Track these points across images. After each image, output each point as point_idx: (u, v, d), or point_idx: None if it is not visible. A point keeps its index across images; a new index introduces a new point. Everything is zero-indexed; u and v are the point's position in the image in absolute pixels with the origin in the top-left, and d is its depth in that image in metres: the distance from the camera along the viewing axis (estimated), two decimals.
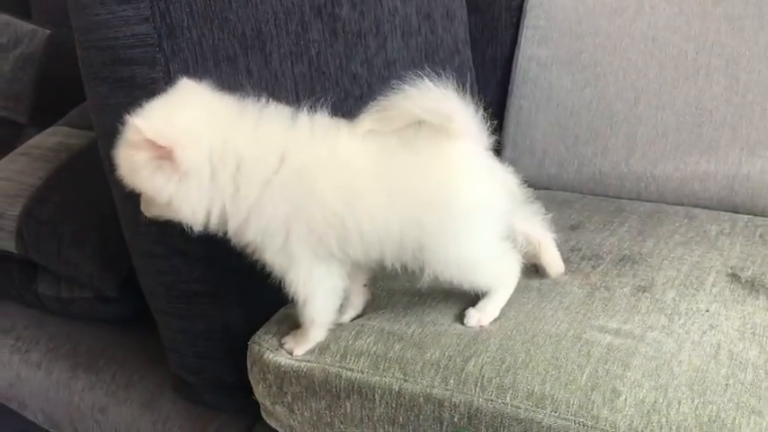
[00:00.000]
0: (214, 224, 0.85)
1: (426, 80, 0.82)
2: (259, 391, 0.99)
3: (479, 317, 0.92)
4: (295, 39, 1.05)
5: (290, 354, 0.94)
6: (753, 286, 1.00)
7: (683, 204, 1.36)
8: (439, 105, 0.82)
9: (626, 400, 0.79)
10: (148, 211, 0.87)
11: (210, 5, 0.96)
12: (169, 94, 0.85)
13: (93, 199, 1.25)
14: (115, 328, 1.32)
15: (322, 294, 0.90)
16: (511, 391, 0.82)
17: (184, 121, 0.81)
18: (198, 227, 0.85)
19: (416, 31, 1.26)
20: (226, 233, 0.87)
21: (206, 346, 1.08)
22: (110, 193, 1.08)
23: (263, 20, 1.01)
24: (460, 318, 0.95)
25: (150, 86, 0.95)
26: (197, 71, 0.97)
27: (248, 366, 1.00)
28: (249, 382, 1.02)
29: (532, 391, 0.81)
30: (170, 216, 0.85)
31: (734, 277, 1.03)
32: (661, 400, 0.78)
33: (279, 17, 1.02)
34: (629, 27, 1.43)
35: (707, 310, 0.94)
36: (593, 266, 1.07)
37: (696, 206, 1.34)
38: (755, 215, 1.29)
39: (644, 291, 1.00)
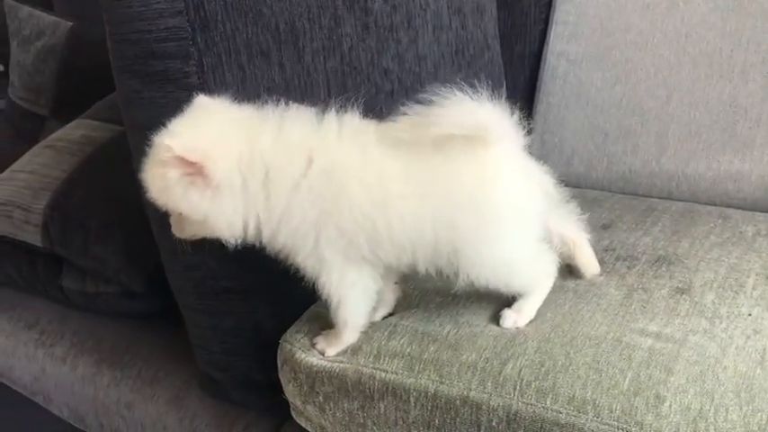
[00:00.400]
0: (251, 235, 0.85)
1: (458, 93, 0.79)
2: (289, 391, 0.98)
3: (516, 318, 0.90)
4: (328, 33, 1.03)
5: (322, 354, 0.92)
6: None
7: (715, 204, 1.33)
8: (474, 119, 0.79)
9: (671, 406, 0.77)
10: (182, 232, 0.87)
11: None
12: (189, 112, 0.85)
13: (118, 193, 1.24)
14: (140, 323, 1.31)
15: (354, 297, 0.89)
16: (551, 395, 0.80)
17: (211, 134, 0.81)
18: (235, 240, 0.85)
19: (447, 26, 1.24)
20: (261, 242, 0.87)
21: (234, 344, 1.07)
22: (137, 187, 1.07)
23: (297, 14, 0.99)
24: (495, 318, 0.93)
25: (183, 80, 0.94)
26: (230, 65, 0.95)
27: (279, 365, 0.99)
28: (277, 381, 1.01)
29: (573, 396, 0.80)
30: (205, 233, 0.85)
31: None
32: (708, 407, 0.76)
33: (312, 11, 1.01)
34: (662, 23, 1.40)
35: (749, 314, 0.92)
36: (629, 267, 1.05)
37: (729, 206, 1.32)
38: None
39: (682, 293, 0.98)
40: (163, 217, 1.02)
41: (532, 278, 0.92)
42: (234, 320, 1.06)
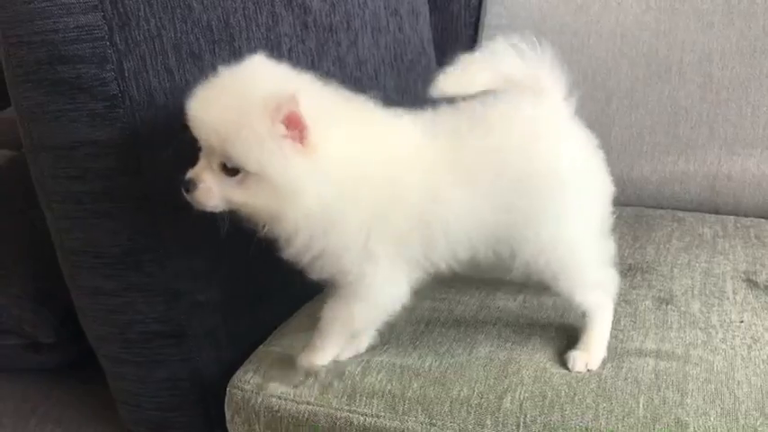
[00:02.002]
0: (301, 224, 0.73)
1: (503, 40, 0.74)
2: None
3: (587, 358, 0.78)
4: (265, 32, 0.91)
5: (310, 368, 0.80)
6: None
7: (663, 207, 1.30)
8: (524, 63, 0.75)
9: (695, 431, 0.69)
10: (224, 198, 0.72)
11: None
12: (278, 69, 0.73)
13: (17, 228, 1.06)
14: (48, 378, 1.12)
15: (388, 297, 0.78)
16: (561, 430, 0.71)
17: (317, 99, 0.71)
18: (270, 226, 0.73)
19: (385, 29, 1.15)
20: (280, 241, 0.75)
21: (170, 397, 0.92)
22: (41, 220, 0.90)
23: (231, 9, 0.87)
24: (476, 345, 0.83)
25: (99, 89, 0.79)
26: (156, 70, 0.81)
27: (228, 417, 0.85)
28: None
29: (587, 429, 0.71)
30: (255, 208, 0.72)
31: (751, 283, 0.97)
32: (735, 429, 0.69)
33: (248, 7, 0.88)
34: (597, 24, 1.37)
35: (741, 321, 0.86)
36: None
37: (677, 208, 1.29)
38: (738, 215, 1.24)
39: (667, 303, 0.91)
40: (78, 253, 0.87)
41: (597, 277, 0.81)
42: (168, 370, 0.91)
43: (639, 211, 1.27)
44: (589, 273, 0.80)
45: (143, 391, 0.92)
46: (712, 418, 0.70)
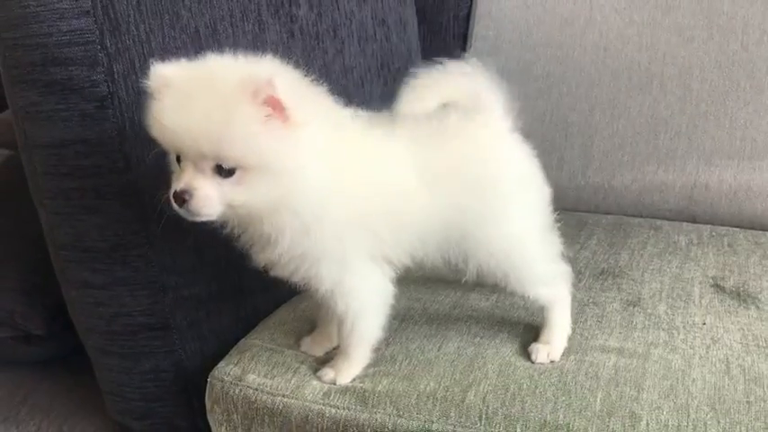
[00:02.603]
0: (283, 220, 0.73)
1: (449, 61, 0.79)
2: None
3: (548, 350, 0.82)
4: (252, 39, 0.95)
5: (333, 384, 0.82)
6: (739, 296, 0.97)
7: (642, 216, 1.34)
8: (471, 84, 0.80)
9: (648, 424, 0.72)
10: (224, 202, 0.70)
11: None
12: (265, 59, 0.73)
13: (11, 223, 1.10)
14: (37, 370, 1.16)
15: (375, 305, 0.81)
16: (521, 422, 0.74)
17: (296, 81, 0.72)
18: (272, 220, 0.73)
19: (372, 38, 1.19)
20: (258, 244, 0.76)
21: (154, 388, 0.95)
22: (34, 216, 0.94)
23: (219, 17, 0.90)
24: (446, 341, 0.86)
25: (89, 90, 0.83)
26: (144, 72, 0.85)
27: (207, 407, 0.88)
28: (205, 427, 0.90)
29: (545, 421, 0.74)
30: (256, 205, 0.71)
31: (718, 288, 1.00)
32: (685, 423, 0.72)
33: (235, 14, 0.92)
34: (581, 37, 1.40)
35: (704, 323, 0.90)
36: (574, 282, 1.00)
37: (655, 217, 1.32)
38: (714, 224, 1.27)
39: (634, 305, 0.95)
40: (68, 248, 0.90)
41: (545, 272, 0.85)
42: (152, 361, 0.94)
43: (619, 219, 1.30)
44: (537, 268, 0.84)
45: (128, 381, 0.95)
46: (665, 413, 0.73)
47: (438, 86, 0.79)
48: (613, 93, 1.37)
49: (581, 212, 1.35)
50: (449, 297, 0.97)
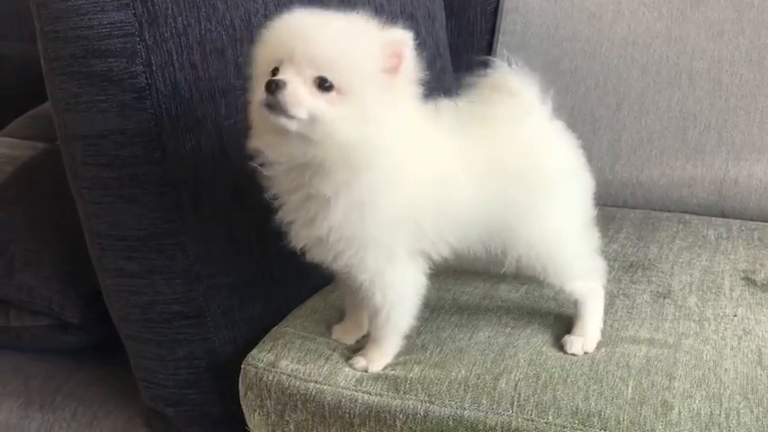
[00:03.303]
0: (338, 181, 0.73)
1: (496, 60, 0.80)
2: (254, 421, 0.88)
3: (583, 342, 0.83)
4: None
5: (365, 371, 0.83)
6: None
7: (670, 210, 1.33)
8: (515, 83, 0.80)
9: (680, 412, 0.73)
10: (305, 106, 0.69)
11: None
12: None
13: (47, 214, 1.12)
14: (72, 358, 1.18)
15: (411, 296, 0.82)
16: (553, 409, 0.75)
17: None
18: (331, 161, 0.72)
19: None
20: (309, 215, 0.76)
21: (188, 375, 0.97)
22: (70, 206, 0.96)
23: (253, 10, 0.92)
24: (477, 330, 0.87)
25: (128, 81, 0.85)
26: (182, 64, 0.87)
27: (241, 393, 0.89)
28: (237, 413, 0.92)
29: (577, 408, 0.74)
30: (323, 126, 0.70)
31: (748, 281, 0.99)
32: (717, 411, 0.72)
33: (269, 7, 0.94)
34: (609, 31, 1.40)
35: (735, 315, 0.89)
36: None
37: (684, 212, 1.32)
38: (744, 219, 1.27)
39: (664, 297, 0.95)
40: (105, 237, 0.92)
41: (583, 267, 0.85)
42: (187, 349, 0.96)
43: (647, 213, 1.30)
44: (576, 263, 0.84)
45: (162, 368, 0.97)
46: (697, 401, 0.73)
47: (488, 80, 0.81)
48: (642, 87, 1.37)
49: (609, 207, 1.35)
50: (478, 288, 0.98)
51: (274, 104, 0.69)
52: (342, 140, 0.71)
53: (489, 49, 1.50)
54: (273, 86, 0.69)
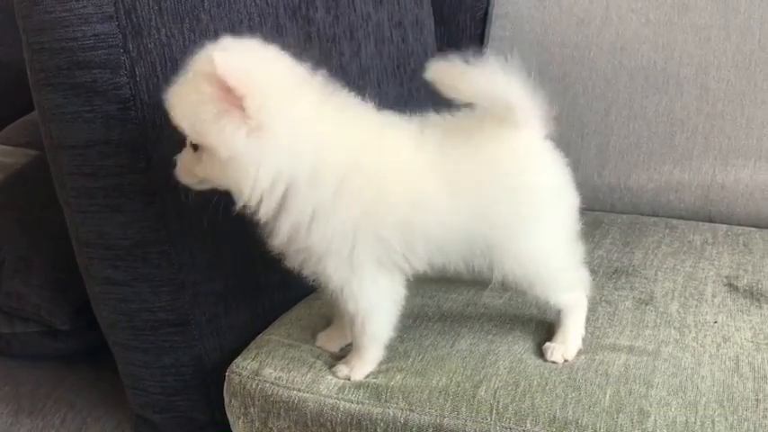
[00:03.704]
0: (269, 208, 0.74)
1: (492, 60, 0.77)
2: (239, 428, 0.90)
3: (563, 350, 0.83)
4: (270, 42, 0.96)
5: (348, 380, 0.84)
6: (752, 295, 0.97)
7: (658, 215, 1.34)
8: (503, 92, 0.76)
9: (656, 420, 0.73)
10: (190, 173, 0.76)
11: (181, 3, 0.87)
12: (249, 41, 0.75)
13: (38, 221, 1.13)
14: (62, 365, 1.19)
15: (385, 307, 0.82)
16: (531, 417, 0.76)
17: (270, 70, 0.72)
18: (246, 203, 0.74)
19: (389, 39, 1.20)
20: (274, 228, 0.77)
21: (174, 382, 0.97)
22: (60, 214, 0.97)
23: (237, 21, 0.93)
24: (459, 338, 0.88)
25: (113, 92, 0.86)
26: (166, 75, 0.87)
27: (226, 400, 0.90)
28: (223, 420, 0.93)
29: (554, 417, 0.75)
30: (219, 181, 0.74)
31: (731, 287, 1.00)
32: (693, 419, 0.73)
33: (253, 18, 0.94)
34: (597, 37, 1.41)
35: (715, 322, 0.90)
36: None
37: (671, 217, 1.32)
38: (731, 224, 1.28)
39: (646, 303, 0.95)
40: (92, 245, 0.93)
41: (569, 279, 0.86)
42: (173, 356, 0.97)
43: (635, 218, 1.31)
44: (561, 277, 0.85)
45: (149, 376, 0.98)
46: (673, 409, 0.74)
47: (474, 86, 0.77)
48: (630, 92, 1.37)
49: (596, 212, 1.35)
50: (462, 295, 0.98)
51: (176, 176, 0.78)
52: (222, 185, 0.75)
53: (479, 55, 1.50)
54: (174, 165, 0.78)
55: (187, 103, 0.71)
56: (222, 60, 0.67)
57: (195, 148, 0.74)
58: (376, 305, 0.81)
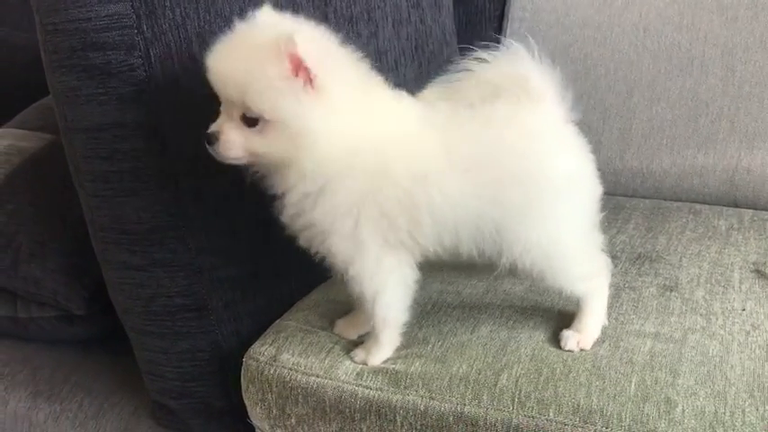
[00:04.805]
0: (314, 184, 0.75)
1: (497, 44, 0.76)
2: (256, 414, 0.88)
3: (579, 338, 0.80)
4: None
5: (365, 364, 0.82)
6: None
7: (681, 200, 1.31)
8: (515, 70, 0.76)
9: (683, 410, 0.71)
10: (242, 148, 0.75)
11: None
12: (299, 20, 0.76)
13: (53, 206, 1.12)
14: (79, 350, 1.19)
15: (392, 287, 0.80)
16: (554, 406, 0.74)
17: (336, 50, 0.76)
18: (298, 178, 0.75)
19: (407, 20, 1.18)
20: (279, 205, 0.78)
21: (191, 368, 0.97)
22: (75, 198, 0.96)
23: (253, 1, 0.90)
24: (479, 324, 0.86)
25: (127, 74, 0.84)
26: (181, 56, 0.86)
27: (243, 386, 0.89)
28: (241, 406, 0.92)
29: (578, 405, 0.73)
30: (273, 157, 0.75)
31: (759, 273, 0.98)
32: (722, 410, 0.71)
33: None
34: (619, 17, 1.38)
35: (743, 309, 0.88)
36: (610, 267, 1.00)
37: (695, 202, 1.30)
38: (757, 209, 1.25)
39: (671, 290, 0.93)
40: (108, 230, 0.92)
41: (584, 270, 0.83)
42: (190, 342, 0.96)
43: (658, 203, 1.28)
44: (575, 268, 0.82)
45: (166, 361, 0.97)
46: (701, 399, 0.72)
47: (480, 75, 0.77)
48: (653, 74, 1.34)
49: (618, 197, 1.33)
50: (482, 281, 0.97)
51: (216, 154, 0.75)
52: (280, 159, 0.75)
53: (498, 35, 1.47)
54: (208, 141, 0.75)
55: (256, 78, 0.71)
56: (302, 40, 0.69)
57: (251, 123, 0.73)
58: (381, 285, 0.79)
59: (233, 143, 0.74)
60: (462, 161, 0.75)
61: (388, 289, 0.80)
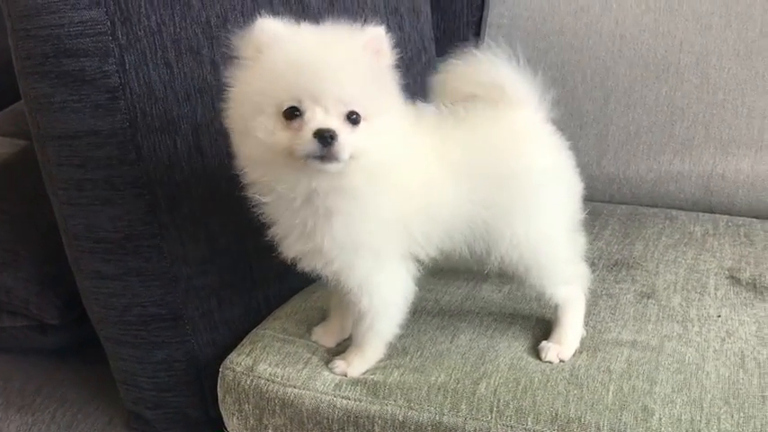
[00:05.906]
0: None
1: (473, 51, 0.77)
2: (233, 425, 0.88)
3: (559, 350, 0.81)
4: None
5: (344, 376, 0.82)
6: (755, 288, 0.96)
7: (657, 206, 1.32)
8: (490, 76, 0.77)
9: (660, 418, 0.72)
10: (350, 147, 0.69)
11: None
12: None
13: (26, 213, 1.10)
14: (52, 359, 1.17)
15: (398, 303, 0.80)
16: (532, 415, 0.74)
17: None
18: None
19: (384, 26, 1.17)
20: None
21: (167, 377, 0.95)
22: (48, 206, 0.95)
23: (230, 6, 0.90)
24: (458, 333, 0.86)
25: (101, 81, 0.83)
26: (156, 63, 0.85)
27: (219, 397, 0.88)
28: (217, 416, 0.91)
29: (556, 414, 0.73)
30: (374, 156, 0.71)
31: (734, 279, 0.98)
32: (698, 417, 0.71)
33: (246, 4, 0.92)
34: (596, 25, 1.39)
35: (719, 316, 0.89)
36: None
37: (671, 207, 1.31)
38: (732, 215, 1.26)
39: (648, 297, 0.94)
40: (81, 238, 0.91)
41: (567, 272, 0.84)
42: (165, 351, 0.94)
43: (634, 209, 1.29)
44: (559, 267, 0.83)
45: (141, 371, 0.96)
46: (678, 406, 0.73)
47: (457, 85, 0.78)
48: (629, 81, 1.36)
49: (595, 203, 1.34)
50: (461, 288, 0.97)
51: (327, 156, 0.68)
52: (372, 165, 0.71)
53: (476, 42, 1.47)
54: (325, 140, 0.67)
55: (365, 77, 0.70)
56: (387, 36, 0.71)
57: (354, 122, 0.70)
58: (389, 301, 0.80)
59: (347, 143, 0.69)
60: (454, 167, 0.76)
61: (394, 304, 0.80)
